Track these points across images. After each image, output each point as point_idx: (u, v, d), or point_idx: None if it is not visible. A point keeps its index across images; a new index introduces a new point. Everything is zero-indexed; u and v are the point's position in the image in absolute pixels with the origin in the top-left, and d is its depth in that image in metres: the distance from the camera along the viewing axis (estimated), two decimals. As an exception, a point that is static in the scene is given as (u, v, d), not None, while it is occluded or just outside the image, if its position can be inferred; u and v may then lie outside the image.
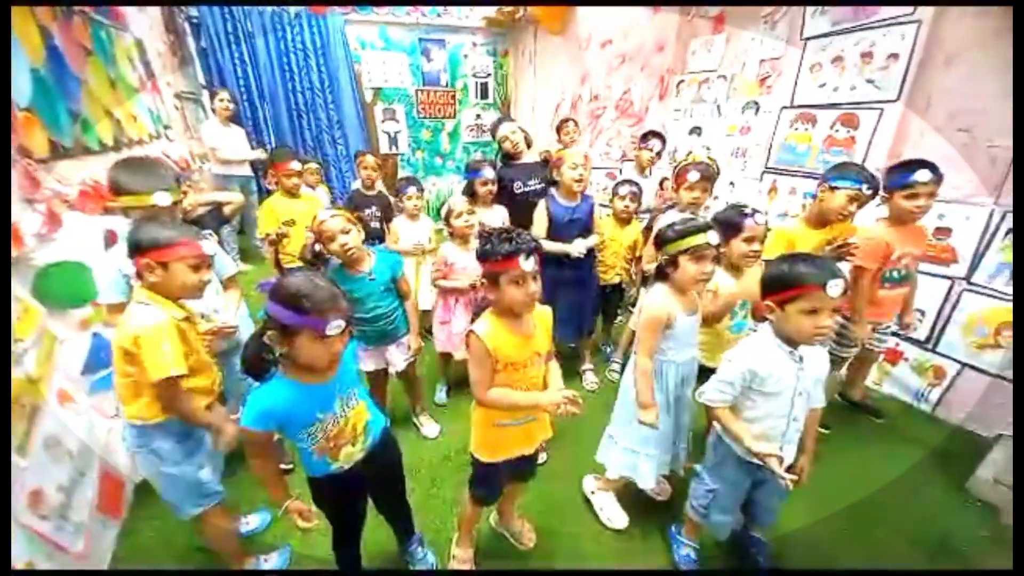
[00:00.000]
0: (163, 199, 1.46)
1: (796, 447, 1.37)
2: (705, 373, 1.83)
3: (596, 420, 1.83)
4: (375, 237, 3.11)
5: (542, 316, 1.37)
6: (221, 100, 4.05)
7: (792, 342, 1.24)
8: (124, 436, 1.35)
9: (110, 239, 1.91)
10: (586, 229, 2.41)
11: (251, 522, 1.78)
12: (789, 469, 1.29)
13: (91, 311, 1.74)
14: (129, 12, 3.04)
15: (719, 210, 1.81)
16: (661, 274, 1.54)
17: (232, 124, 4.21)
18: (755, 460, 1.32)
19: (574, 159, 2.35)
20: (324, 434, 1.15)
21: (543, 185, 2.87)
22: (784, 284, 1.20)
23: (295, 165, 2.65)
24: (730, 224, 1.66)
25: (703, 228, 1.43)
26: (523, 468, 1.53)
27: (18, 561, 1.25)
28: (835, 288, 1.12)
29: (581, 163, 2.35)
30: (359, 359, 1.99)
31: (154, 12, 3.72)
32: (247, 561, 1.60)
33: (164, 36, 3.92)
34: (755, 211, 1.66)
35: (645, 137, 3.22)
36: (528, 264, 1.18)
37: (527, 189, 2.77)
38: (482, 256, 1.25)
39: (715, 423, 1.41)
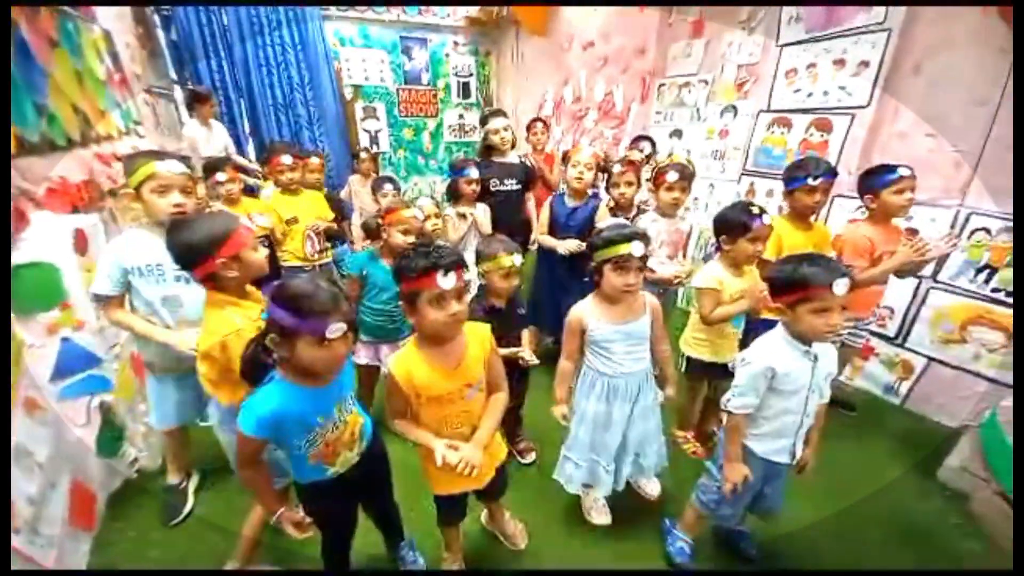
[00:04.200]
0: (173, 166, 1.49)
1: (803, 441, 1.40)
2: (712, 368, 1.91)
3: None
4: (334, 238, 3.08)
5: (479, 338, 1.26)
6: (213, 106, 3.89)
7: (805, 340, 1.28)
8: (211, 415, 1.44)
9: (79, 238, 1.83)
10: (584, 231, 2.36)
11: None
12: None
13: (60, 315, 1.66)
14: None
15: (728, 206, 1.82)
16: (593, 282, 1.55)
17: (213, 122, 4.01)
18: (771, 458, 1.37)
19: (577, 157, 2.37)
20: (323, 440, 1.12)
21: (520, 186, 2.92)
22: (791, 286, 1.22)
23: (286, 159, 2.59)
24: (739, 224, 1.69)
25: (627, 238, 1.40)
26: (486, 490, 1.45)
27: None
28: (841, 287, 1.16)
29: (584, 163, 2.37)
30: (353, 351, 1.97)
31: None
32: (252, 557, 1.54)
33: (133, 28, 3.76)
34: (763, 211, 1.68)
35: (635, 141, 3.28)
36: (447, 282, 1.08)
37: (503, 188, 2.81)
38: (396, 273, 1.17)
39: (724, 420, 1.42)
